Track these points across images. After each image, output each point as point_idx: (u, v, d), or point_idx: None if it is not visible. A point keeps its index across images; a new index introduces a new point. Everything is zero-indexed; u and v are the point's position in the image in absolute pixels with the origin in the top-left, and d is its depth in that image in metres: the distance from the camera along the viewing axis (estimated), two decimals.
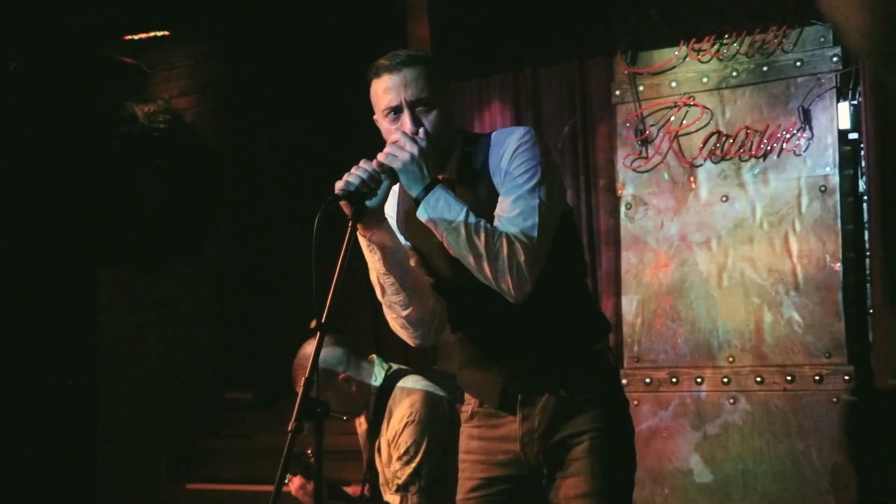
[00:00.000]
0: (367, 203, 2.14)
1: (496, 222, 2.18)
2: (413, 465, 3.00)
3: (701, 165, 4.30)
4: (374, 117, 2.37)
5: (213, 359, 5.56)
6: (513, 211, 2.17)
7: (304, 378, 2.98)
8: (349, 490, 3.38)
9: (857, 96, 4.07)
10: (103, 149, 5.32)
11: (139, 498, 5.21)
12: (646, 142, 4.39)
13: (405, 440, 3.03)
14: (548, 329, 2.30)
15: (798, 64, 4.12)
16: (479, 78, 4.98)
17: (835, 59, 4.06)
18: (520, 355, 2.31)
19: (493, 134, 2.31)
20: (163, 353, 5.62)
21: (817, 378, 4.01)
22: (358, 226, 2.16)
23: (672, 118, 4.35)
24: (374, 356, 3.30)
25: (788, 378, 4.05)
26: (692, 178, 4.31)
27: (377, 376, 3.22)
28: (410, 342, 2.36)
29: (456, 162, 2.31)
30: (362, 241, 2.24)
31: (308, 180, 5.40)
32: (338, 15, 5.11)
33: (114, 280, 5.74)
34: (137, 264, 5.55)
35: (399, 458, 3.02)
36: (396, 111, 2.26)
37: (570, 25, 4.71)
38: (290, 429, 2.18)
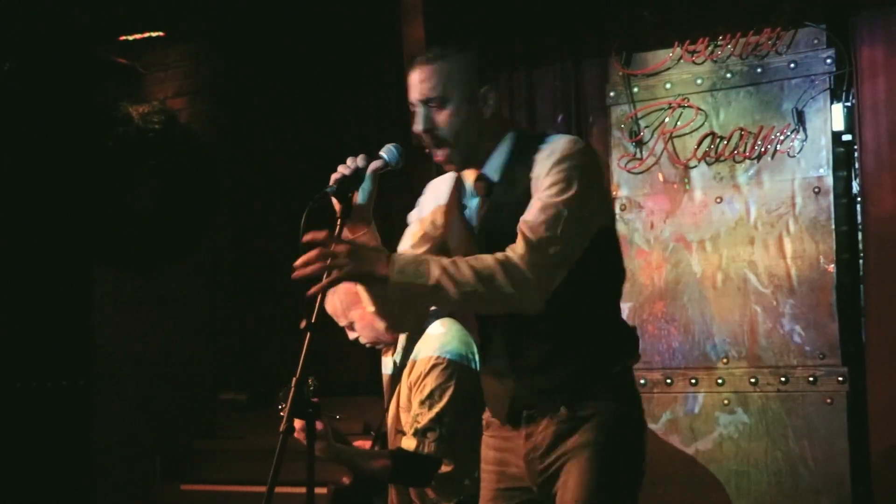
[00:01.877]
0: (357, 201, 2.22)
1: (520, 225, 2.15)
2: (436, 409, 2.86)
3: (695, 167, 4.31)
4: None
5: (208, 359, 5.56)
6: (537, 218, 2.14)
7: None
8: (357, 443, 3.24)
9: (850, 98, 4.08)
10: (98, 149, 5.31)
11: (134, 499, 5.20)
12: (640, 143, 4.40)
13: (430, 383, 2.88)
14: (566, 349, 2.24)
15: (792, 66, 4.13)
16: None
17: (828, 60, 4.07)
18: (532, 372, 2.26)
19: (549, 137, 2.28)
20: (158, 353, 5.61)
21: (811, 379, 4.02)
22: (345, 227, 2.21)
23: (666, 120, 4.35)
24: None
25: (782, 379, 4.06)
26: (686, 180, 4.31)
27: None
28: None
29: (500, 158, 2.30)
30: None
31: (303, 181, 5.40)
32: (333, 15, 5.11)
33: (108, 280, 5.73)
34: (132, 265, 5.54)
35: (422, 402, 2.88)
36: (414, 107, 2.30)
37: (565, 26, 4.71)
38: (281, 429, 2.19)
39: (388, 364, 3.19)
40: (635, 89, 4.42)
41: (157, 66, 5.68)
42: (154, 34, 5.51)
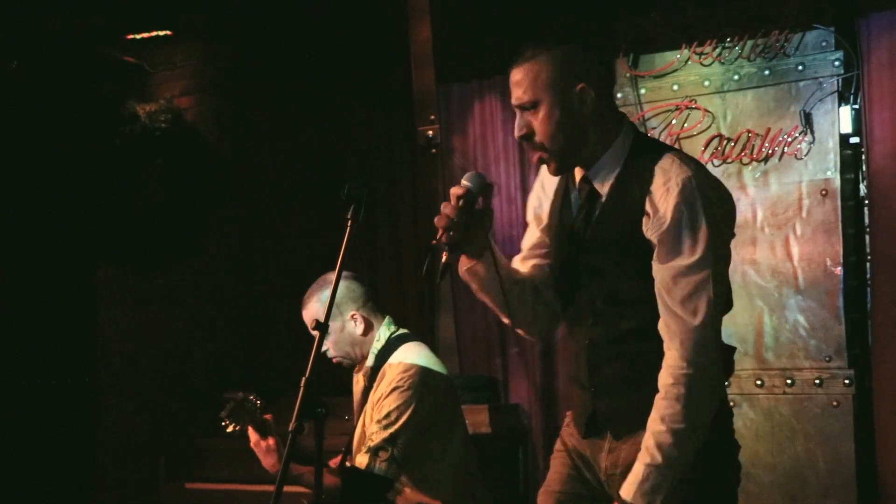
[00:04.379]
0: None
1: (660, 296, 2.03)
2: (390, 430, 2.87)
3: None
4: None
5: (213, 358, 5.56)
6: (678, 294, 2.00)
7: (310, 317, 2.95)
8: (332, 462, 3.27)
9: (858, 100, 4.07)
10: (104, 147, 5.31)
11: (138, 497, 5.20)
12: None
13: (388, 404, 2.90)
14: (648, 370, 2.09)
15: (800, 68, 4.13)
16: (479, 79, 4.99)
17: (836, 63, 4.07)
18: (611, 390, 2.16)
19: (662, 160, 2.07)
20: (162, 352, 5.61)
21: (818, 381, 4.02)
22: (461, 258, 2.18)
23: (674, 121, 4.35)
24: (388, 316, 3.15)
25: (789, 381, 4.06)
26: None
27: (381, 336, 3.08)
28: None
29: (611, 167, 2.13)
30: (460, 269, 2.23)
31: (309, 180, 5.41)
32: (339, 15, 5.11)
33: (113, 279, 5.73)
34: (137, 263, 5.54)
35: (378, 421, 2.90)
36: (516, 110, 2.16)
37: (572, 27, 4.70)
38: (290, 429, 2.19)
39: (359, 378, 3.20)
40: (643, 90, 4.42)
41: (164, 64, 5.68)
42: (161, 33, 5.51)
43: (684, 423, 1.99)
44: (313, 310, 3.05)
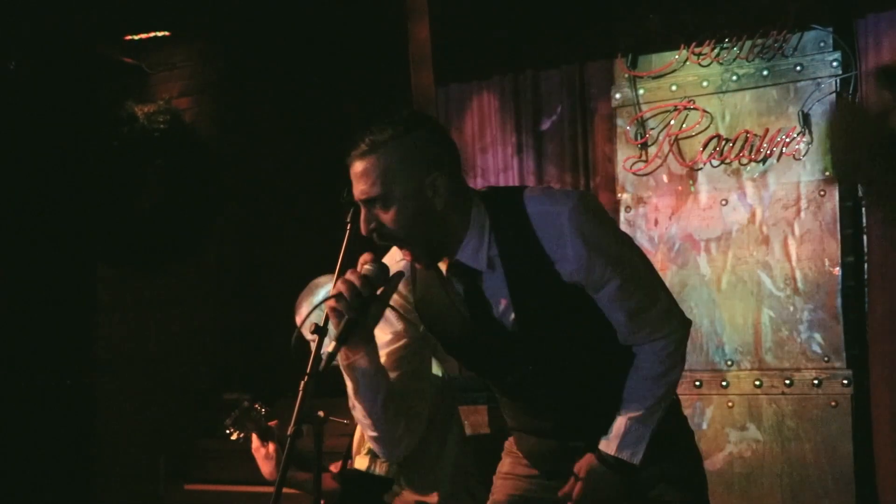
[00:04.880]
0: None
1: (615, 316, 2.03)
2: None
3: (701, 169, 4.31)
4: None
5: (212, 359, 5.56)
6: (632, 304, 2.02)
7: (303, 317, 2.97)
8: (333, 467, 3.28)
9: (856, 101, 4.07)
10: (103, 149, 5.31)
11: (137, 498, 5.20)
12: (646, 145, 4.40)
13: None
14: (610, 403, 2.10)
15: (798, 68, 4.13)
16: (478, 80, 4.99)
17: (835, 63, 4.07)
18: (574, 431, 2.15)
19: (528, 206, 1.97)
20: (161, 353, 5.62)
21: (816, 382, 4.02)
22: (341, 349, 1.94)
23: (672, 121, 4.35)
24: None
25: (787, 382, 4.06)
26: (692, 182, 4.31)
27: None
28: (376, 450, 2.19)
29: (477, 244, 1.98)
30: (341, 362, 2.01)
31: (307, 181, 5.41)
32: (338, 16, 5.11)
33: (113, 280, 5.73)
34: (136, 264, 5.54)
35: None
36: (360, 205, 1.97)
37: (571, 28, 4.71)
38: (289, 433, 2.18)
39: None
40: (641, 91, 4.42)
41: (163, 65, 5.68)
42: (159, 34, 5.51)
43: (669, 380, 2.09)
44: (305, 314, 3.06)
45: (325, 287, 3.14)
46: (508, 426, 2.33)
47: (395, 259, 2.10)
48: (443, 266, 2.05)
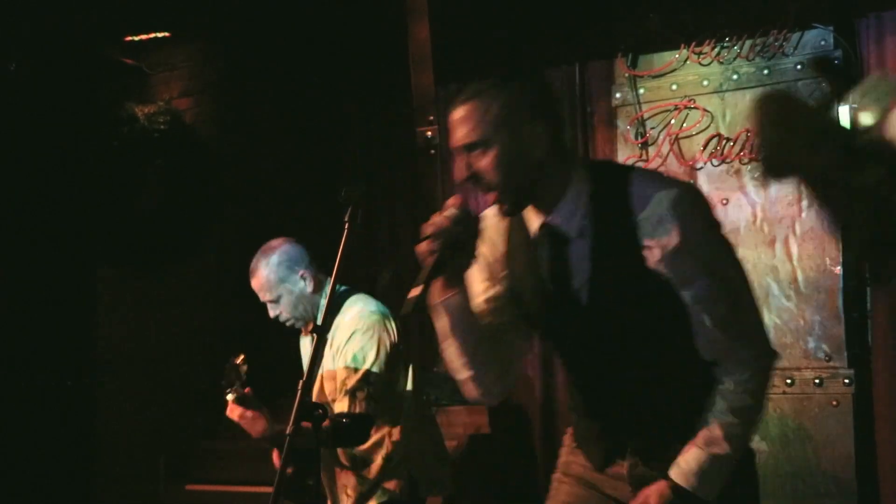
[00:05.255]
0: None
1: (698, 315, 1.96)
2: (361, 371, 2.94)
3: (701, 168, 4.30)
4: None
5: (212, 359, 5.55)
6: (722, 308, 1.96)
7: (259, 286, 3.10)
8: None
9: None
10: (103, 149, 5.31)
11: (138, 498, 5.20)
12: (646, 144, 4.40)
13: (353, 347, 2.98)
14: (672, 404, 2.06)
15: (799, 67, 4.13)
16: (478, 80, 4.97)
17: (835, 62, 4.06)
18: (635, 426, 2.09)
19: (635, 185, 1.96)
20: (162, 353, 5.61)
21: (817, 381, 4.01)
22: (432, 286, 1.95)
23: (672, 121, 4.35)
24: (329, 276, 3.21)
25: (788, 381, 4.05)
26: (692, 181, 4.30)
27: (326, 293, 3.13)
28: (469, 394, 2.14)
29: (573, 207, 1.98)
30: (434, 300, 2.01)
31: (308, 181, 5.40)
32: (338, 16, 5.11)
33: (113, 280, 5.73)
34: (137, 265, 5.54)
35: (346, 367, 2.97)
36: (456, 152, 2.02)
37: (571, 28, 4.71)
38: (287, 432, 2.18)
39: (306, 342, 3.29)
40: (641, 90, 4.42)
41: (163, 66, 5.68)
42: (159, 34, 5.51)
43: (752, 418, 1.99)
44: (263, 276, 3.14)
45: (279, 248, 3.17)
46: (569, 406, 2.27)
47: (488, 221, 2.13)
48: (533, 227, 2.04)
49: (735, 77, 4.24)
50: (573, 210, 1.98)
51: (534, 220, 2.05)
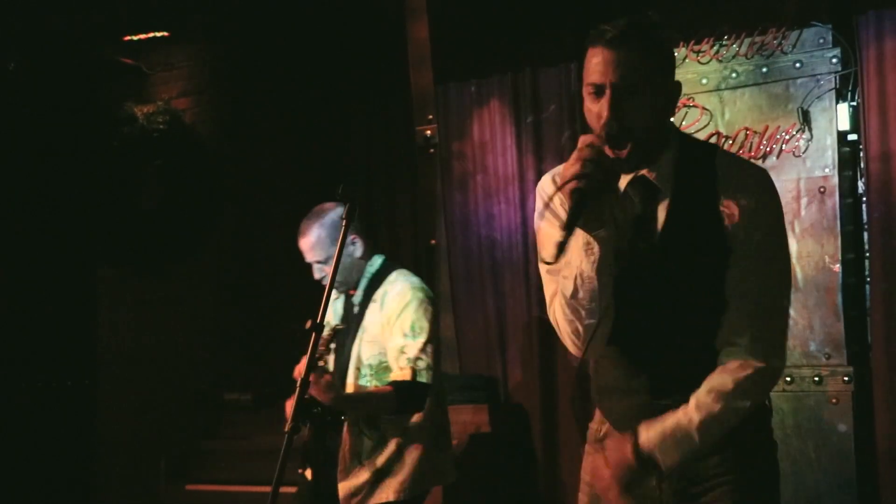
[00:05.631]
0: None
1: (740, 286, 1.98)
2: (420, 340, 3.04)
3: None
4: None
5: (212, 359, 5.56)
6: (765, 286, 1.99)
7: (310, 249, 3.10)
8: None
9: (856, 97, 4.07)
10: (102, 149, 5.32)
11: (138, 498, 5.20)
12: None
13: (409, 318, 3.06)
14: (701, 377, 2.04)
15: (797, 65, 4.12)
16: (477, 79, 4.99)
17: (834, 60, 4.06)
18: (677, 388, 2.05)
19: (721, 156, 2.07)
20: (162, 353, 5.62)
21: (817, 379, 4.01)
22: (582, 219, 1.90)
23: (671, 119, 4.34)
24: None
25: (788, 379, 4.05)
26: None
27: (375, 262, 3.23)
28: (571, 349, 2.11)
29: (670, 165, 2.03)
30: (583, 237, 1.96)
31: (307, 180, 5.41)
32: (337, 15, 5.11)
33: (113, 280, 5.73)
34: (137, 265, 5.54)
35: (405, 335, 3.05)
36: (599, 92, 1.99)
37: (569, 26, 4.71)
38: (286, 429, 2.19)
39: (338, 304, 3.31)
40: None
41: (162, 66, 5.69)
42: (159, 34, 5.51)
43: (735, 404, 1.97)
44: (314, 235, 3.16)
45: (333, 210, 3.19)
46: (601, 389, 2.21)
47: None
48: (623, 180, 2.05)
49: (734, 75, 4.24)
50: (668, 165, 2.04)
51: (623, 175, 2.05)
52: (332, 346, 3.05)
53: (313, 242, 3.17)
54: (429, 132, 4.85)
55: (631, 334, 2.11)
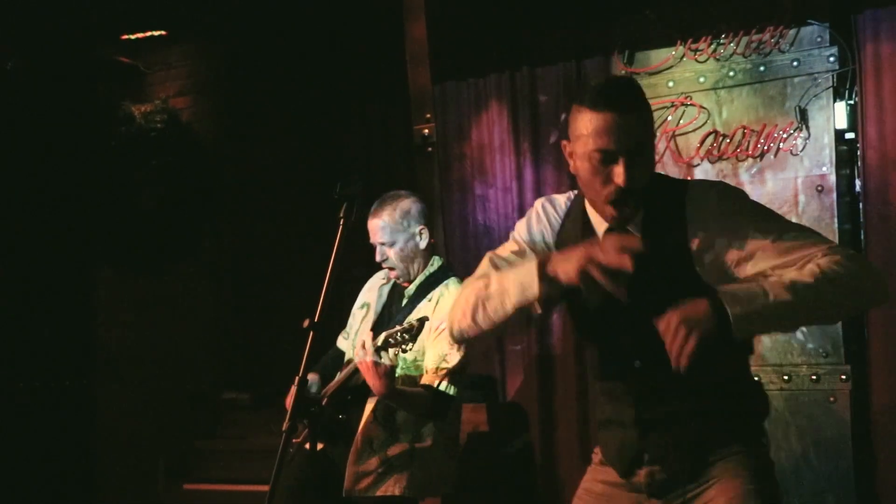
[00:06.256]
0: None
1: (773, 276, 1.94)
2: (462, 353, 3.05)
3: (698, 165, 4.30)
4: (564, 142, 2.14)
5: (211, 359, 5.56)
6: (791, 251, 1.96)
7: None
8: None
9: (853, 96, 4.07)
10: (100, 149, 5.32)
11: (137, 498, 5.20)
12: None
13: None
14: (698, 404, 2.09)
15: (795, 64, 4.13)
16: (475, 78, 4.99)
17: (831, 58, 4.07)
18: (660, 426, 2.11)
19: (691, 186, 2.12)
20: (160, 353, 5.62)
21: (814, 377, 4.02)
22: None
23: (669, 118, 4.35)
24: None
25: (785, 378, 4.05)
26: (689, 178, 4.30)
27: (435, 262, 3.26)
28: (458, 317, 2.15)
29: (642, 211, 2.09)
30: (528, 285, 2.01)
31: (305, 180, 5.41)
32: (334, 15, 5.11)
33: (111, 280, 5.73)
34: (135, 265, 5.54)
35: (451, 344, 3.03)
36: (609, 158, 2.01)
37: (567, 25, 4.71)
38: (284, 429, 2.19)
39: (385, 290, 3.37)
40: None
41: (160, 65, 5.68)
42: (156, 33, 5.51)
43: (830, 287, 1.89)
44: (386, 217, 3.21)
45: (408, 198, 3.26)
46: (600, 421, 2.27)
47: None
48: (599, 228, 2.12)
49: (731, 74, 4.25)
50: (640, 213, 2.09)
51: (599, 224, 2.13)
52: (409, 346, 3.02)
53: (383, 224, 3.22)
54: (427, 131, 4.84)
55: (620, 370, 2.16)
